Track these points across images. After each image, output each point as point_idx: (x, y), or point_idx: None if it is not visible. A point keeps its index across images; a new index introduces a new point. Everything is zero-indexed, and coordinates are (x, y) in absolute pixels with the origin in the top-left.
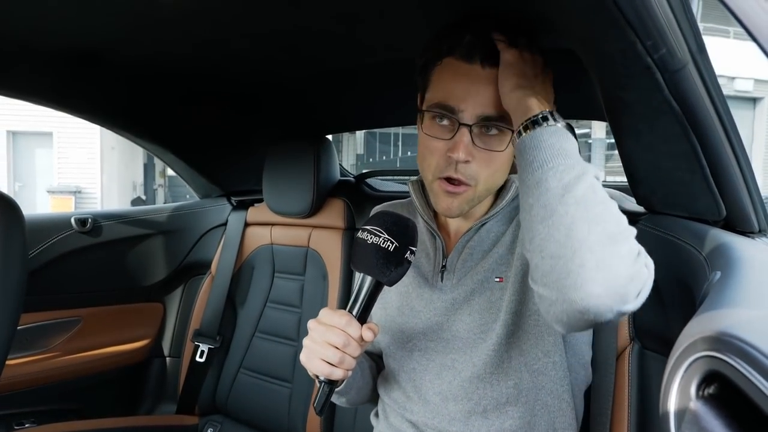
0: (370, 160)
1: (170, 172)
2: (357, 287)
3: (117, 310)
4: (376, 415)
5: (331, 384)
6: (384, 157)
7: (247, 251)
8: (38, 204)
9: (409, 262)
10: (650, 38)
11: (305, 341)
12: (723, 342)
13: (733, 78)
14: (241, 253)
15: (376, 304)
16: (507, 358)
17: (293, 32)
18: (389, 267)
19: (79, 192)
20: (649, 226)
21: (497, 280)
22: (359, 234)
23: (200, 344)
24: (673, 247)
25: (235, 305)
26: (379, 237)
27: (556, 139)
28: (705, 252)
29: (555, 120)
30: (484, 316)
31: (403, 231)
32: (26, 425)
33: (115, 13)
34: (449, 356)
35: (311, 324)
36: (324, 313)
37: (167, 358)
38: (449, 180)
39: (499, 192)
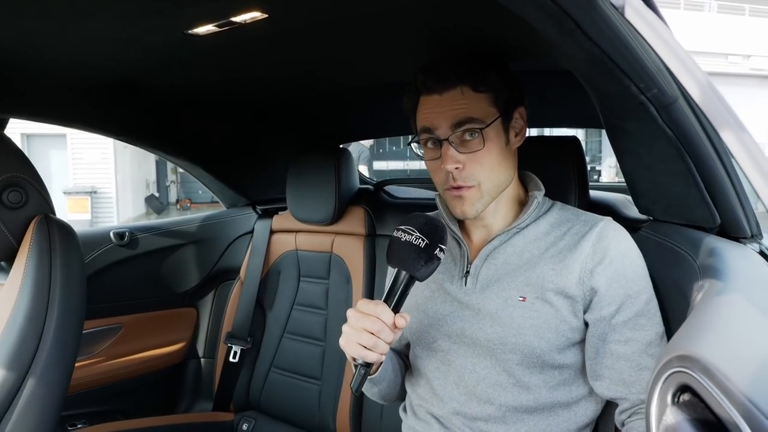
0: (380, 150)
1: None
2: (392, 281)
3: (154, 316)
4: (404, 409)
5: (367, 367)
6: (394, 147)
7: (274, 257)
8: (55, 205)
9: (439, 259)
10: (642, 81)
11: (344, 327)
12: (692, 361)
13: (749, 56)
14: (268, 259)
15: (405, 307)
16: (527, 374)
17: (315, 60)
18: (420, 262)
19: (95, 192)
20: (650, 233)
21: (520, 299)
22: (394, 233)
23: (233, 345)
24: (672, 254)
25: (264, 308)
26: (412, 235)
27: None
28: (699, 260)
29: None
30: (506, 329)
31: (433, 230)
32: (79, 426)
33: (153, 48)
34: (469, 360)
35: (350, 312)
36: (362, 303)
37: (202, 359)
38: (453, 187)
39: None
